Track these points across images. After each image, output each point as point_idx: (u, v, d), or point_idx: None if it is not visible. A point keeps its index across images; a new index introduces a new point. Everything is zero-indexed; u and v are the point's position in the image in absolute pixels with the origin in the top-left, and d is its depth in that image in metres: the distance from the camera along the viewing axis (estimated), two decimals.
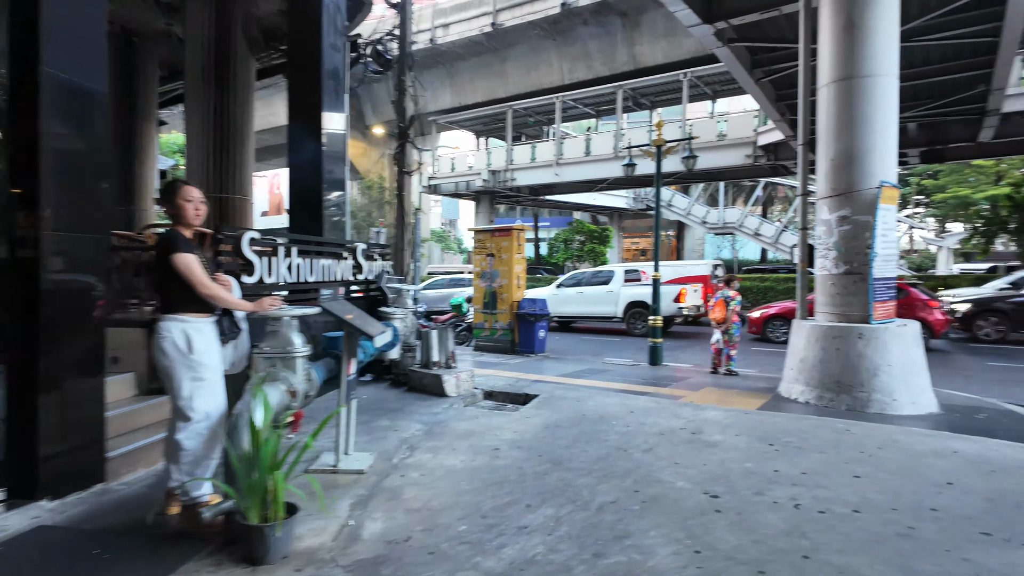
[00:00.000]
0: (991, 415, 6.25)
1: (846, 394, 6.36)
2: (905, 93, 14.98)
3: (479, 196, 29.17)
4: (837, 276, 6.69)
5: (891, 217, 6.66)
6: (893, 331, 6.35)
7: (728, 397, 6.98)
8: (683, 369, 9.54)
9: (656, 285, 10.09)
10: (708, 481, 3.67)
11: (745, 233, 35.94)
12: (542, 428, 4.96)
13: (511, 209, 54.85)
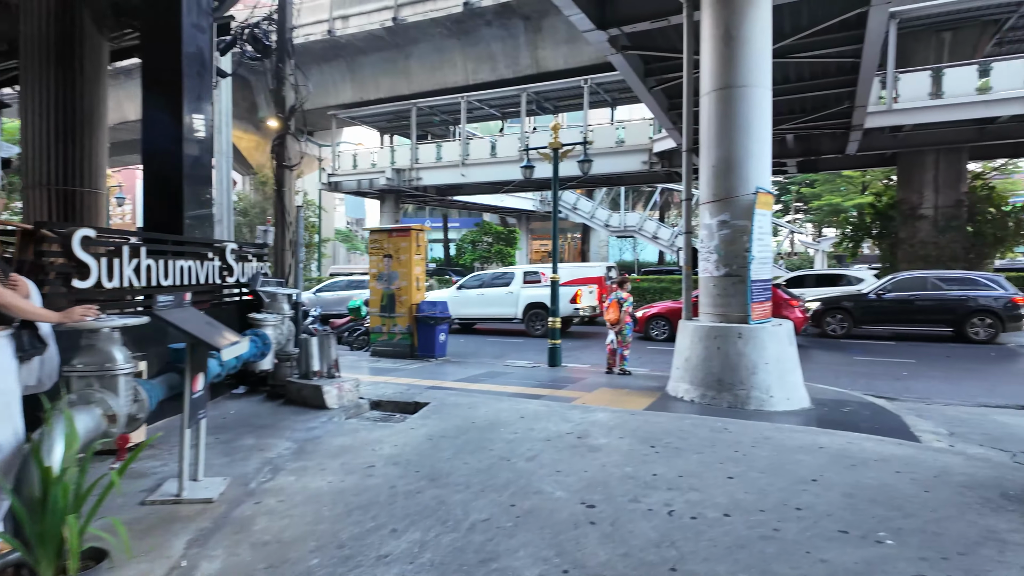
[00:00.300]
0: (855, 408, 6.71)
1: (727, 392, 6.59)
2: (783, 106, 16.19)
3: (384, 195, 28.36)
4: (718, 278, 6.94)
5: (766, 222, 6.99)
6: (770, 330, 6.66)
7: (619, 398, 7.05)
8: (581, 370, 9.61)
9: (555, 287, 10.11)
10: (587, 489, 3.57)
11: (644, 236, 37.55)
12: (425, 440, 4.70)
13: (420, 209, 53.98)
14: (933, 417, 6.58)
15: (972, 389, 8.63)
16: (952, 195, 18.06)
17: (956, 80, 15.72)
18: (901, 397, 8.14)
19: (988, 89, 15.36)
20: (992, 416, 6.70)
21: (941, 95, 15.81)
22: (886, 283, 14.50)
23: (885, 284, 14.49)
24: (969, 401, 7.86)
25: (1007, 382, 8.96)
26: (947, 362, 10.78)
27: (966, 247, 17.63)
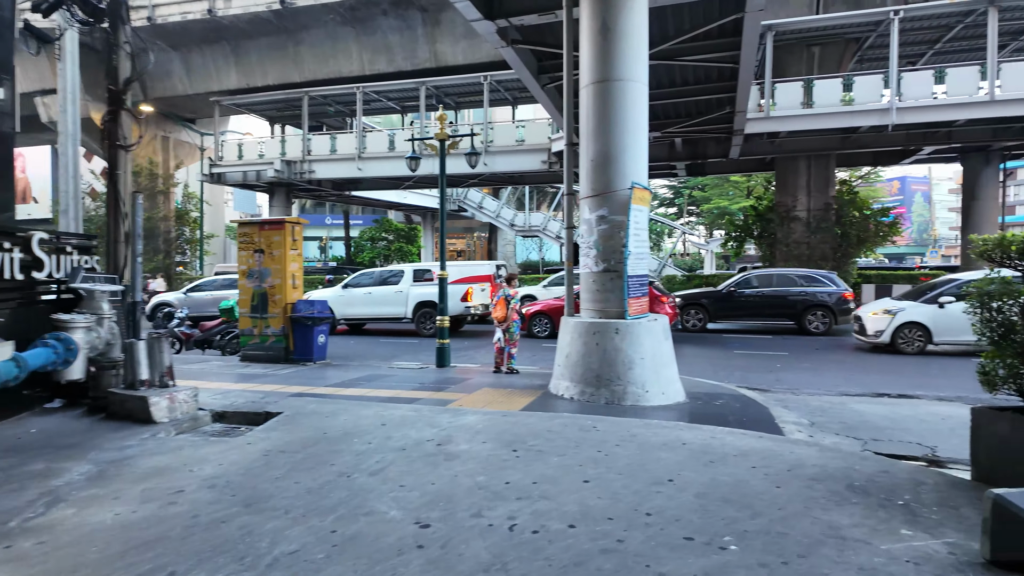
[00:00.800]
0: (727, 401, 6.81)
1: (605, 388, 6.47)
2: (671, 109, 16.75)
3: (273, 188, 26.65)
4: (597, 274, 6.82)
5: (643, 218, 6.96)
6: (646, 325, 6.62)
7: (499, 398, 6.76)
8: (468, 370, 9.25)
9: (443, 284, 9.68)
10: (427, 505, 3.18)
11: (548, 236, 38.00)
12: (260, 456, 4.12)
13: (320, 205, 51.73)
14: (798, 408, 6.82)
15: (835, 379, 9.15)
16: (822, 199, 19.50)
17: (824, 92, 16.94)
18: (773, 388, 8.47)
19: (851, 101, 16.68)
20: (850, 405, 7.05)
21: (812, 105, 16.97)
22: (737, 280, 15.47)
23: (736, 281, 15.45)
24: (832, 391, 8.28)
25: (865, 371, 9.61)
26: (817, 354, 11.48)
27: (834, 247, 19.09)
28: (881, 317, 11.52)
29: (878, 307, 11.91)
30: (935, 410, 6.66)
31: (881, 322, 11.45)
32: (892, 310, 11.48)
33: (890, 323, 11.30)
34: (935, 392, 7.85)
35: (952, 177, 73.61)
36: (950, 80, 15.99)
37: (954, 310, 10.88)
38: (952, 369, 9.76)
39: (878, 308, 11.84)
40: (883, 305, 11.95)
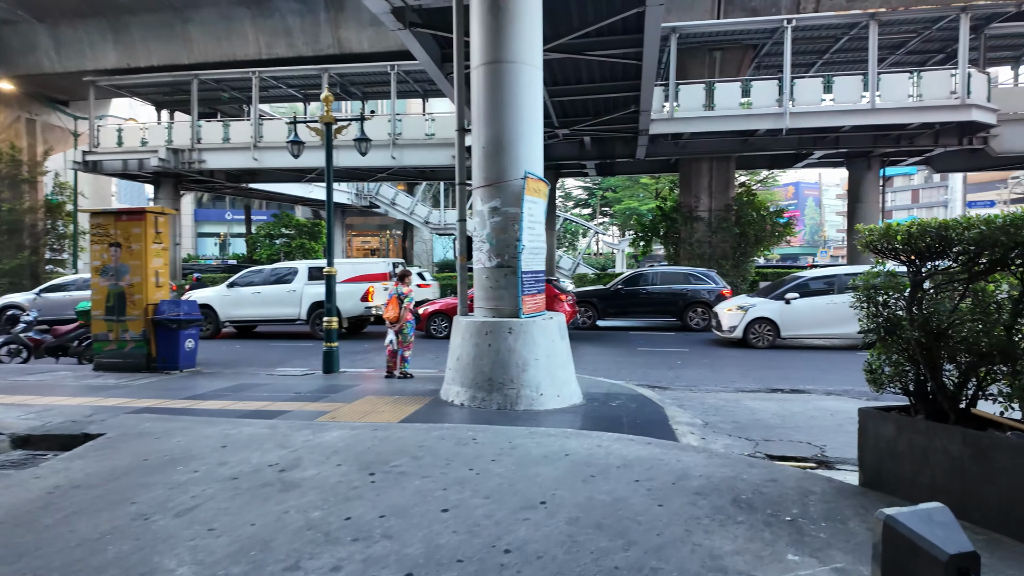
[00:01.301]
0: (623, 401, 6.52)
1: (498, 392, 6.00)
2: (578, 107, 16.64)
3: (159, 179, 24.36)
4: (491, 269, 6.34)
5: (538, 210, 6.55)
6: (541, 324, 6.20)
7: (382, 407, 6.11)
8: (359, 376, 8.51)
9: (330, 282, 8.86)
10: (234, 556, 2.53)
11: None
12: (42, 495, 3.28)
13: (219, 199, 48.42)
14: (693, 406, 6.64)
15: (732, 375, 9.20)
16: (723, 200, 20.15)
17: (725, 95, 17.44)
18: (672, 386, 8.33)
19: (749, 105, 17.27)
20: (745, 402, 6.96)
21: (713, 108, 17.42)
22: (625, 279, 15.73)
23: (624, 279, 15.72)
24: (729, 387, 8.26)
25: (759, 368, 9.75)
26: (715, 350, 11.63)
27: (734, 246, 19.77)
28: (735, 313, 11.82)
29: (733, 303, 12.20)
30: (824, 405, 6.68)
31: (734, 318, 11.75)
32: (744, 306, 11.80)
33: (742, 319, 11.63)
34: (825, 386, 7.99)
35: (839, 183, 79.91)
36: (837, 88, 16.89)
37: (799, 306, 11.41)
38: (842, 363, 10.09)
39: (733, 304, 12.12)
40: (738, 302, 12.24)
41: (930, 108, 16.44)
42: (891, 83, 16.71)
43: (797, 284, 11.83)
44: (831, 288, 11.50)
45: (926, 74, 16.66)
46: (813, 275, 12.11)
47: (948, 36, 18.63)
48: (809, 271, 12.61)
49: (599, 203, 44.21)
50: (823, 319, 11.32)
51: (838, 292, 11.28)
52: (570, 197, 52.26)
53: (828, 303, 11.31)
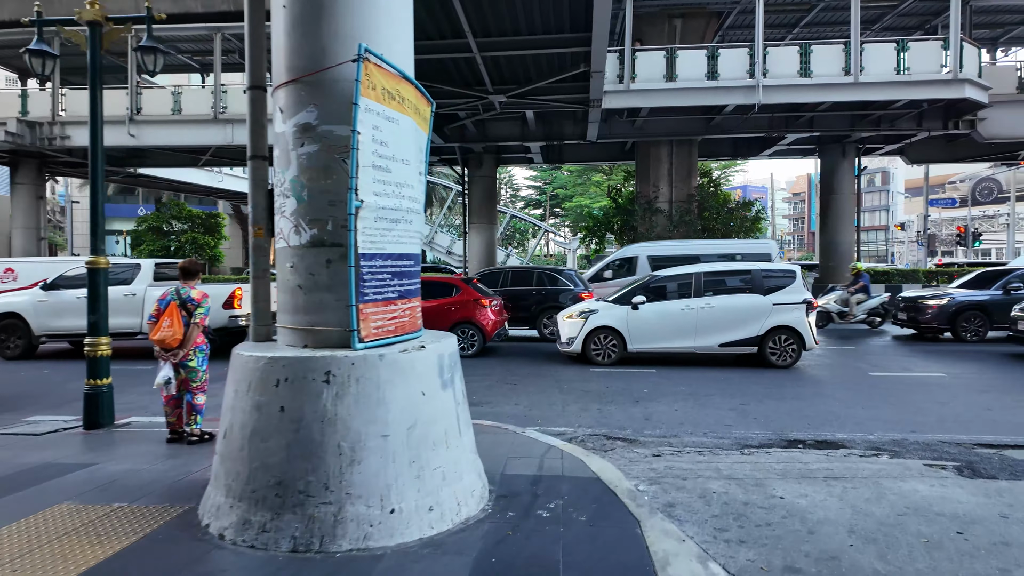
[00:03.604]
0: (566, 501, 3.49)
1: (293, 513, 2.84)
2: (516, 67, 13.31)
3: (17, 159, 20.07)
4: (300, 252, 3.19)
5: (402, 138, 3.42)
6: (396, 362, 3.07)
7: (48, 545, 2.87)
8: (131, 435, 5.20)
9: (96, 281, 5.49)
10: None
11: None
12: None
13: (129, 192, 43.40)
14: (693, 501, 3.68)
15: (719, 408, 6.39)
16: (685, 189, 17.63)
17: (688, 65, 14.84)
18: (643, 436, 5.47)
19: (716, 76, 14.73)
20: (773, 484, 4.04)
21: (675, 79, 14.80)
22: (479, 275, 13.17)
23: (479, 276, 13.07)
24: (724, 435, 5.43)
25: (746, 393, 6.97)
26: (687, 368, 8.83)
27: None
28: (574, 322, 9.44)
29: (574, 310, 9.72)
30: (915, 493, 3.82)
31: (573, 327, 9.40)
32: (586, 312, 9.40)
33: (581, 329, 9.29)
34: (850, 429, 5.21)
35: (785, 188, 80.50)
36: (815, 59, 14.52)
37: (648, 312, 9.13)
38: (811, 384, 7.37)
39: (574, 311, 9.66)
40: (579, 307, 9.76)
41: (919, 84, 14.28)
42: (875, 55, 14.46)
43: (645, 285, 9.55)
44: (687, 291, 9.30)
45: (914, 44, 14.50)
46: (666, 275, 9.60)
47: (928, 9, 16.67)
48: (666, 271, 9.92)
49: (549, 200, 41.54)
50: (677, 328, 9.14)
51: (695, 295, 9.13)
52: (519, 197, 49.47)
53: (683, 309, 9.11)
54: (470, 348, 9.89)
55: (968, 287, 12.01)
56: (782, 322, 8.98)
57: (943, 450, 4.97)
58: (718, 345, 9.14)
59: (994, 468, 4.38)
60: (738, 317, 9.10)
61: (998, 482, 3.97)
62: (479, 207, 19.62)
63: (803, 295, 9.09)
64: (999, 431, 5.60)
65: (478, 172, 19.55)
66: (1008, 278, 11.49)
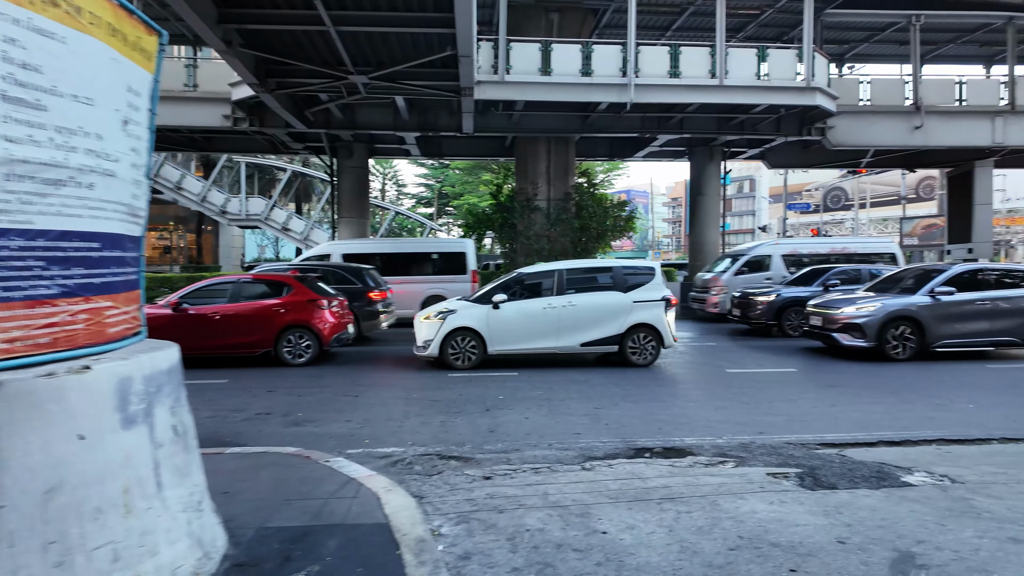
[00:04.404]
0: (337, 558, 2.63)
1: None
2: (379, 46, 12.03)
3: None
4: None
5: (84, 66, 2.37)
6: (26, 393, 2.06)
7: None
8: None
9: None
10: None
11: (272, 227, 31.36)
12: None
13: None
14: (494, 549, 2.92)
15: (573, 416, 5.86)
16: (562, 187, 17.42)
17: (564, 60, 14.54)
18: (481, 452, 4.83)
19: (591, 73, 14.54)
20: (606, 484, 3.45)
21: (550, 72, 14.44)
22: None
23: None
24: (571, 446, 4.84)
25: (614, 393, 6.52)
26: (549, 370, 8.30)
27: (574, 241, 17.10)
28: (432, 323, 8.69)
29: (432, 310, 8.99)
30: (751, 516, 3.36)
31: (431, 329, 8.65)
32: (444, 313, 8.71)
33: (439, 330, 8.56)
34: (700, 433, 4.82)
35: (665, 193, 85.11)
36: (684, 60, 14.76)
37: (509, 311, 8.62)
38: (668, 384, 7.17)
39: (432, 311, 8.94)
40: (438, 307, 9.05)
41: (777, 90, 14.95)
42: (739, 60, 14.95)
43: (507, 283, 8.98)
44: (550, 289, 8.87)
45: (773, 52, 15.15)
46: (529, 272, 9.22)
47: (786, 21, 17.63)
48: (533, 267, 9.54)
49: (437, 197, 40.48)
50: (539, 327, 8.69)
51: (557, 294, 8.73)
52: (408, 194, 47.95)
53: (545, 308, 8.69)
54: (301, 356, 8.84)
55: (796, 284, 12.61)
56: (642, 320, 8.72)
57: (788, 454, 4.69)
58: (580, 344, 8.72)
59: (835, 474, 4.09)
60: (600, 315, 8.74)
61: (838, 494, 3.63)
62: (349, 200, 18.27)
63: (662, 292, 8.89)
64: (841, 428, 5.49)
65: (348, 162, 18.18)
66: (827, 276, 12.13)
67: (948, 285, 8.93)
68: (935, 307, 8.84)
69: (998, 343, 9.12)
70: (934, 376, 7.93)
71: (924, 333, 8.83)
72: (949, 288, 8.88)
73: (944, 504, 3.39)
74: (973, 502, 3.42)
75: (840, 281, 11.47)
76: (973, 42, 19.76)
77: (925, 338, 8.83)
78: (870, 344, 8.82)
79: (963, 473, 4.04)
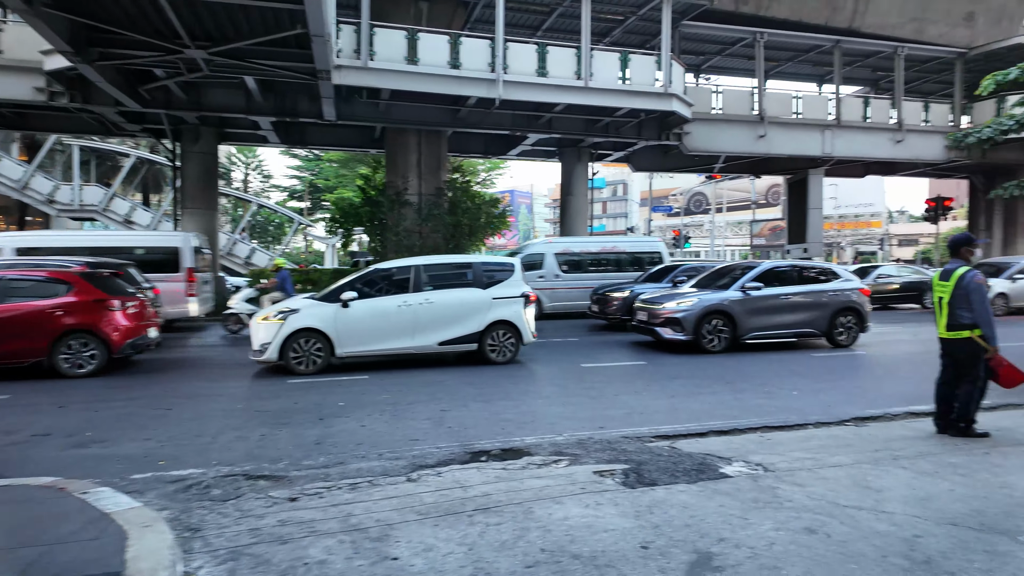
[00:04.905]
0: None
1: None
2: (222, 18, 10.90)
3: None
4: None
5: None
6: None
7: None
8: None
9: None
10: None
11: (112, 219, 27.88)
12: None
13: None
14: None
15: (415, 421, 5.44)
16: (434, 182, 16.95)
17: (432, 51, 14.09)
18: (298, 468, 4.38)
19: (459, 65, 14.22)
20: (421, 497, 3.09)
21: (416, 62, 13.92)
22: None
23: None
24: (403, 455, 4.44)
25: (472, 399, 6.19)
26: (405, 372, 7.81)
27: (447, 237, 16.70)
28: (271, 324, 7.85)
29: (272, 310, 8.21)
30: (562, 524, 3.15)
31: (269, 331, 7.81)
32: (284, 312, 7.95)
33: (278, 332, 7.75)
34: (542, 432, 4.63)
35: (547, 194, 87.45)
36: (551, 60, 14.90)
37: (360, 310, 8.00)
38: (524, 381, 7.10)
39: (271, 311, 8.15)
40: (280, 306, 8.30)
41: (638, 94, 15.53)
42: (603, 63, 15.36)
43: (357, 280, 8.37)
44: (405, 285, 8.34)
45: (635, 57, 15.73)
46: (383, 267, 8.74)
47: (648, 29, 18.39)
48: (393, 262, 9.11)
49: (308, 190, 38.23)
50: (394, 327, 8.13)
51: (414, 291, 8.29)
52: (278, 186, 44.92)
53: (400, 305, 8.18)
54: (83, 366, 7.56)
55: (649, 281, 13.22)
56: (501, 317, 8.52)
57: (622, 448, 4.62)
58: (438, 344, 8.34)
59: (659, 469, 4.04)
60: (458, 313, 8.41)
61: (656, 491, 3.54)
62: (196, 189, 16.52)
63: (521, 288, 8.75)
64: (678, 419, 5.57)
65: (194, 148, 16.43)
66: (675, 273, 12.78)
67: (757, 281, 9.54)
68: (746, 301, 9.39)
69: (800, 335, 9.85)
70: (765, 365, 8.46)
71: (736, 326, 9.33)
72: (758, 284, 9.49)
73: (752, 495, 3.39)
74: (779, 491, 3.46)
75: (688, 278, 12.08)
76: (808, 62, 21.93)
77: (737, 331, 9.33)
78: (688, 337, 9.16)
79: (776, 461, 4.14)
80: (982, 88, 8.34)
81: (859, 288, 10.09)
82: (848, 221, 53.93)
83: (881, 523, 2.96)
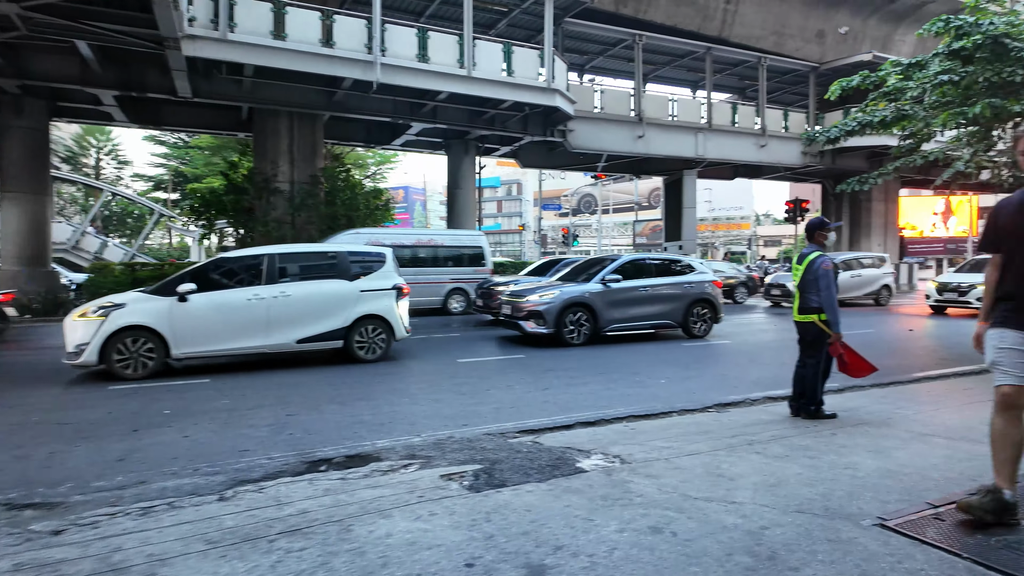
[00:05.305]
0: None
1: None
2: None
3: None
4: None
5: None
6: None
7: None
8: None
9: None
10: None
11: None
12: None
13: None
14: None
15: (252, 428, 4.70)
16: (308, 169, 15.78)
17: (302, 25, 13.04)
18: (85, 491, 3.64)
19: (333, 44, 13.28)
20: (222, 522, 2.46)
21: (284, 36, 12.82)
22: None
23: None
24: (224, 468, 3.74)
25: (326, 401, 5.49)
26: (257, 374, 6.92)
27: (323, 229, 15.61)
28: (89, 322, 6.75)
29: (91, 306, 7.04)
30: (379, 544, 2.68)
31: (87, 329, 6.71)
32: (106, 308, 6.87)
33: (99, 330, 6.67)
34: (399, 433, 4.15)
35: (441, 192, 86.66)
36: (433, 45, 14.36)
37: (201, 304, 7.08)
38: (392, 379, 6.62)
39: (89, 307, 7.03)
40: (99, 302, 7.19)
41: (522, 87, 15.39)
42: (487, 53, 15.06)
43: (198, 271, 7.38)
44: (257, 277, 7.45)
45: (518, 50, 15.57)
46: (231, 256, 7.95)
47: (533, 24, 18.30)
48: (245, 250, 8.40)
49: (173, 179, 34.71)
50: (242, 323, 7.22)
51: (267, 282, 7.42)
52: (142, 175, 40.41)
53: (250, 299, 7.29)
54: None
55: (534, 275, 13.19)
56: (370, 311, 7.88)
57: (480, 447, 4.22)
58: (296, 342, 7.53)
59: (513, 468, 3.68)
60: (320, 307, 7.66)
61: (501, 493, 3.16)
62: (19, 170, 14.20)
63: (393, 280, 8.16)
64: (548, 412, 5.29)
65: (17, 121, 14.11)
66: (558, 267, 12.78)
67: (616, 274, 9.61)
68: (606, 294, 9.42)
69: (657, 326, 10.07)
70: (639, 355, 8.50)
71: (597, 318, 9.33)
72: (617, 276, 9.57)
73: (602, 492, 3.11)
74: (631, 485, 3.21)
75: None
76: (683, 67, 23.04)
77: (598, 323, 9.33)
78: (550, 330, 9.02)
79: (634, 452, 3.93)
80: (830, 93, 8.95)
81: (713, 281, 10.49)
82: (721, 223, 58.17)
83: (730, 516, 2.77)
